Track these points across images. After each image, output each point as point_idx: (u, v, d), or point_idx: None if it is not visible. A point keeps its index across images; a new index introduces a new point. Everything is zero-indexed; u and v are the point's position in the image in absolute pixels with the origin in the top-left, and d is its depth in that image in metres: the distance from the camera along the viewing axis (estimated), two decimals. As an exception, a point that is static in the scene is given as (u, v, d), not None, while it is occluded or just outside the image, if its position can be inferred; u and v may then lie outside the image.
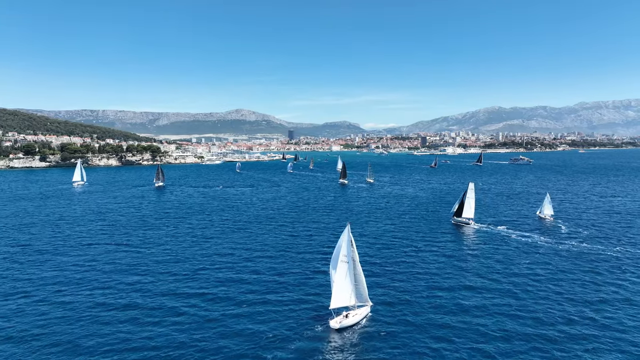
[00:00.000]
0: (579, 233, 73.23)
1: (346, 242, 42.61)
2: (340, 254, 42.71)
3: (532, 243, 66.56)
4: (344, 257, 42.80)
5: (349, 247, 42.54)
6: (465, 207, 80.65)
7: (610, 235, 71.15)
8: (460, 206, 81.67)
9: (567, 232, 73.71)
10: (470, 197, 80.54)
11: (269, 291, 47.50)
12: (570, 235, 71.91)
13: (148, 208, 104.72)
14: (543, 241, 67.57)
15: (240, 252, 63.55)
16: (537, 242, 66.89)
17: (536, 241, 67.67)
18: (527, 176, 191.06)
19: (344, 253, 42.68)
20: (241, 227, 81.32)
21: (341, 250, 42.65)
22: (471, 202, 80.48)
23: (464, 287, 48.07)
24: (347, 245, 42.65)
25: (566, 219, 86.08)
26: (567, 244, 65.76)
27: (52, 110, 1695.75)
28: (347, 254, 42.69)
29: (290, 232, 76.13)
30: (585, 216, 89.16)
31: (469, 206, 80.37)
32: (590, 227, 78.31)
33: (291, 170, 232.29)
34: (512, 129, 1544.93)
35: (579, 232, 74.16)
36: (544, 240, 68.40)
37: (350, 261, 42.84)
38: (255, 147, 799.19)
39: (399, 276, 51.97)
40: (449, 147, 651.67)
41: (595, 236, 70.88)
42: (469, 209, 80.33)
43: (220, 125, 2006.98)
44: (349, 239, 42.44)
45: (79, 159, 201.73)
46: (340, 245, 42.70)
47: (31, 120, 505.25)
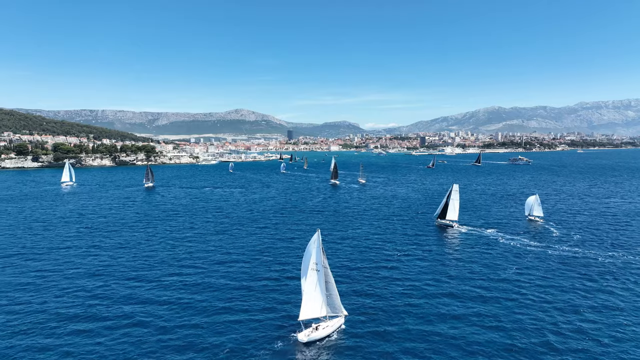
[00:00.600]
0: (571, 236, 70.34)
1: (316, 249, 39.82)
2: (310, 261, 39.94)
3: (520, 247, 63.67)
4: (314, 265, 40.02)
5: (319, 255, 39.73)
6: (449, 208, 78.18)
7: (604, 239, 68.29)
8: (444, 208, 79.09)
9: (558, 236, 70.81)
10: (454, 199, 78.01)
11: (235, 298, 44.72)
12: (561, 238, 69.03)
13: (131, 210, 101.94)
14: (532, 245, 64.69)
15: (215, 255, 60.80)
16: (525, 247, 63.98)
17: (524, 245, 64.77)
18: (523, 176, 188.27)
19: (314, 261, 39.90)
20: (222, 229, 78.54)
21: (311, 258, 39.87)
22: (455, 203, 77.98)
23: (446, 295, 45.29)
24: (317, 253, 39.85)
25: (558, 221, 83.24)
26: (557, 248, 62.90)
27: (52, 110, 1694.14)
28: (318, 261, 39.89)
29: (271, 235, 73.33)
30: (579, 218, 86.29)
31: (453, 208, 77.88)
32: (582, 230, 75.46)
33: (284, 170, 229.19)
34: (512, 129, 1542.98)
35: (571, 235, 71.27)
36: (532, 244, 65.51)
37: (321, 269, 40.05)
38: (253, 147, 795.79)
39: (378, 283, 49.18)
40: (447, 147, 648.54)
41: (588, 240, 68.03)
42: (453, 210, 77.83)
43: (219, 126, 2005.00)
44: (319, 246, 39.65)
45: (66, 160, 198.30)
46: (309, 252, 39.94)
47: (27, 120, 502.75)
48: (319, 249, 39.64)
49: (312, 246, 39.79)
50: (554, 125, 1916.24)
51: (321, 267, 39.99)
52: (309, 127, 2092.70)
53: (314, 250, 39.78)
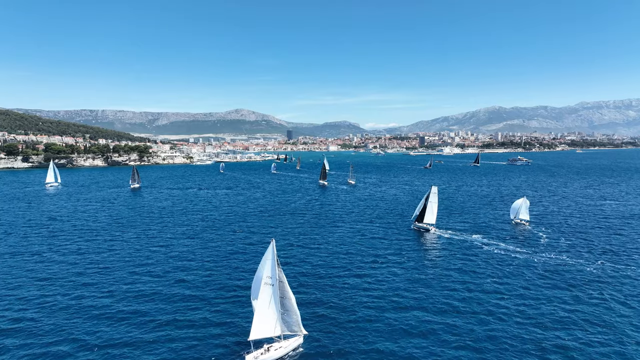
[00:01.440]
0: (559, 242, 66.18)
1: (270, 260, 35.87)
2: (264, 275, 35.98)
3: (503, 254, 59.51)
4: (267, 279, 36.05)
5: (274, 267, 35.77)
6: (427, 211, 74.50)
7: (594, 245, 64.13)
8: (422, 211, 75.36)
9: (547, 242, 66.63)
10: (432, 202, 74.32)
11: (182, 311, 40.86)
12: (549, 244, 64.89)
13: (107, 212, 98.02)
14: (517, 252, 60.53)
15: (176, 262, 56.88)
16: (510, 253, 59.80)
17: (508, 252, 60.61)
18: (519, 177, 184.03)
19: (267, 274, 35.93)
20: (194, 233, 74.57)
21: (264, 271, 35.91)
22: (434, 206, 74.32)
23: (418, 309, 41.37)
24: (271, 265, 35.90)
25: (548, 225, 79.10)
26: (543, 255, 58.77)
27: (52, 110, 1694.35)
28: (272, 275, 35.93)
29: (244, 240, 69.31)
30: (570, 222, 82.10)
31: (431, 211, 74.21)
32: (573, 234, 71.31)
33: (275, 171, 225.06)
34: (513, 129, 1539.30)
35: (559, 241, 67.11)
36: (518, 250, 61.36)
37: (276, 283, 36.10)
38: (252, 147, 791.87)
39: (346, 294, 45.28)
40: (446, 147, 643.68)
41: (577, 246, 63.93)
42: (430, 214, 74.18)
43: (220, 125, 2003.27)
44: (273, 257, 35.70)
45: (51, 160, 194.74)
46: (262, 264, 36.02)
47: (23, 120, 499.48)
48: (274, 261, 35.72)
49: (265, 257, 35.93)
50: (555, 125, 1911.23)
51: (275, 280, 36.06)
52: (309, 127, 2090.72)
53: (268, 262, 35.86)
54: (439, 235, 71.11)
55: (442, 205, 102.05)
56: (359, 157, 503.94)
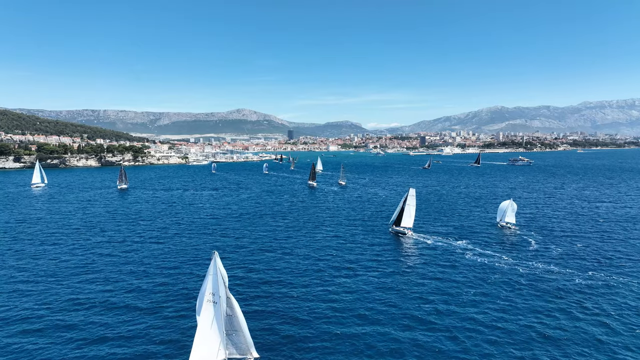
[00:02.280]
0: (549, 249, 61.64)
1: (212, 276, 31.53)
2: (206, 292, 31.71)
3: (485, 262, 54.94)
4: (210, 296, 31.73)
5: (217, 283, 31.44)
6: (404, 215, 70.31)
7: (587, 254, 59.44)
8: (399, 214, 71.37)
9: (535, 248, 62.09)
10: (410, 205, 70.15)
11: (120, 325, 36.61)
12: (537, 251, 60.33)
13: (82, 215, 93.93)
14: (500, 260, 55.96)
15: (136, 268, 52.60)
16: (493, 261, 55.19)
17: (492, 259, 56.00)
18: (516, 178, 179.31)
19: (209, 291, 31.59)
20: (165, 238, 70.29)
21: (206, 287, 31.67)
22: (411, 209, 70.21)
23: (386, 324, 37.16)
24: (213, 280, 31.58)
25: (539, 229, 74.48)
26: (530, 264, 54.24)
27: (54, 110, 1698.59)
28: (214, 291, 31.61)
29: (210, 246, 65.03)
30: (563, 226, 77.51)
31: (409, 214, 70.15)
32: (564, 240, 66.72)
33: (266, 171, 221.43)
34: (515, 129, 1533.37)
35: (549, 247, 62.55)
36: (502, 258, 56.78)
37: (219, 300, 31.81)
38: (252, 147, 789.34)
39: (311, 306, 41.12)
40: (447, 147, 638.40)
41: (568, 253, 59.34)
42: (408, 217, 70.11)
43: (221, 125, 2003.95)
44: (216, 272, 31.36)
45: (37, 161, 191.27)
46: (205, 279, 31.81)
47: (20, 119, 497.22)
48: (216, 276, 31.40)
49: (208, 272, 31.67)
50: (557, 125, 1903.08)
51: (219, 297, 31.74)
52: (311, 127, 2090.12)
53: (210, 277, 31.51)
54: (418, 240, 66.96)
55: (430, 208, 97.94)
56: (357, 157, 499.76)
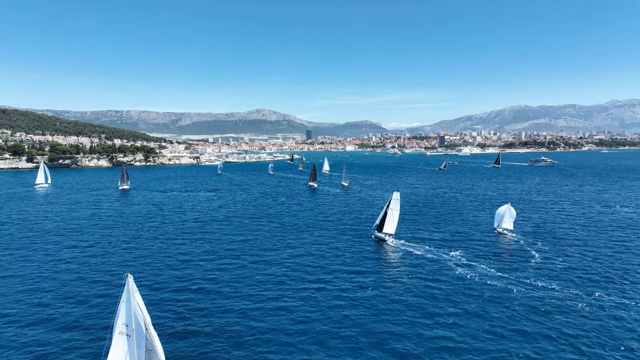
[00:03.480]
0: (553, 263, 54.31)
1: (126, 303, 26.37)
2: (118, 322, 26.66)
3: (475, 278, 48.26)
4: (122, 327, 26.63)
5: (131, 310, 26.34)
6: (387, 220, 65.22)
7: (596, 270, 51.93)
8: (382, 219, 66.16)
9: (537, 262, 54.74)
10: (393, 209, 64.97)
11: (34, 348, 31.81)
12: (538, 266, 53.02)
13: (65, 217, 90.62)
14: (494, 275, 49.19)
15: (92, 276, 48.03)
16: (484, 277, 48.34)
17: (483, 275, 49.17)
18: (533, 179, 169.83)
19: (122, 321, 26.52)
20: (138, 244, 65.92)
21: (118, 317, 26.57)
22: (394, 214, 64.97)
23: (347, 354, 31.47)
24: (127, 308, 26.47)
25: (545, 239, 66.95)
26: (527, 282, 47.16)
27: (79, 111, 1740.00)
28: (128, 321, 26.47)
29: (177, 255, 60.15)
30: (575, 235, 69.71)
31: (392, 219, 64.94)
32: (573, 253, 59.24)
33: (272, 172, 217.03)
34: (539, 128, 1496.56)
35: (553, 261, 55.16)
36: (495, 274, 49.89)
37: (133, 334, 26.57)
38: (269, 147, 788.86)
39: (264, 326, 35.69)
40: (466, 146, 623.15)
41: (573, 268, 52.03)
42: (391, 222, 64.94)
43: (241, 125, 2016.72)
44: (129, 299, 26.22)
45: (42, 162, 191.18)
46: (118, 308, 26.68)
47: (41, 120, 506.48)
48: (130, 302, 26.28)
49: (121, 299, 26.44)
50: (584, 124, 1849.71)
51: (132, 330, 26.61)
52: (330, 126, 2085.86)
53: (123, 305, 26.38)
54: (403, 249, 61.07)
55: (430, 212, 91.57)
56: (372, 157, 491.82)
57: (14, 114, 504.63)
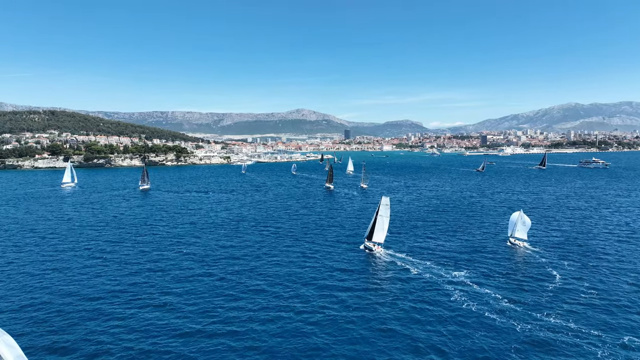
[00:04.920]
0: (576, 292, 44.26)
1: None
2: None
3: (475, 304, 39.86)
4: None
5: None
6: (376, 227, 59.35)
7: (633, 302, 42.27)
8: (372, 226, 60.11)
9: (556, 288, 44.95)
10: (383, 216, 59.03)
11: None
12: (557, 294, 43.36)
13: (74, 216, 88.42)
14: (493, 308, 40.21)
15: (66, 283, 43.58)
16: (481, 310, 39.76)
17: (480, 305, 40.63)
18: (574, 182, 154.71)
19: None
20: (128, 248, 61.53)
21: None
22: (384, 221, 58.97)
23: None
24: None
25: (571, 255, 56.57)
26: (536, 318, 38.13)
27: (127, 112, 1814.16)
28: None
29: (145, 263, 54.92)
30: (610, 251, 58.91)
31: (382, 227, 59.07)
32: (603, 273, 49.35)
33: (294, 172, 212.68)
34: (591, 127, 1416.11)
35: (576, 289, 45.06)
36: (496, 305, 40.89)
37: None
38: (305, 146, 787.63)
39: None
40: (508, 146, 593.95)
41: (603, 299, 42.49)
42: (380, 230, 59.17)
43: (281, 125, 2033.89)
44: None
45: (68, 161, 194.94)
46: None
47: (86, 121, 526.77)
48: None
49: None
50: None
51: None
52: (370, 126, 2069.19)
53: None
54: (392, 261, 54.03)
55: (448, 218, 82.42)
56: (407, 157, 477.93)
57: (61, 115, 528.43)
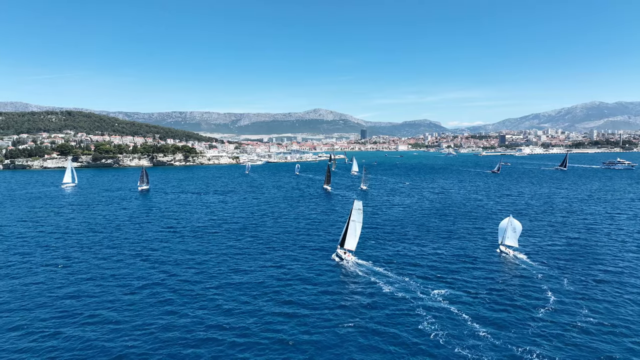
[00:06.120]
0: (572, 316, 37.95)
1: None
2: None
3: (437, 342, 33.85)
4: None
5: None
6: (348, 233, 54.63)
7: (626, 321, 35.82)
8: (345, 232, 55.29)
9: (548, 312, 38.56)
10: (356, 221, 54.41)
11: None
12: (549, 320, 37.13)
13: (52, 221, 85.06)
14: (469, 335, 34.23)
15: None
16: (455, 339, 33.87)
17: (456, 334, 34.60)
18: (591, 184, 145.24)
19: None
20: (95, 257, 57.30)
21: None
22: (357, 227, 54.47)
23: None
24: None
25: (572, 269, 49.88)
26: (521, 351, 32.29)
27: (147, 113, 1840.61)
28: None
29: (100, 271, 50.30)
30: (620, 265, 51.99)
31: (353, 233, 54.59)
32: (608, 293, 42.68)
33: (298, 172, 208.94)
34: (616, 126, 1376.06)
35: (573, 312, 38.79)
36: (474, 331, 34.94)
37: None
38: (320, 146, 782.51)
39: None
40: (527, 147, 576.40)
41: (604, 325, 36.03)
42: (352, 236, 54.67)
43: (298, 125, 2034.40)
44: None
45: (68, 162, 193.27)
46: None
47: (101, 121, 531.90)
48: None
49: None
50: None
51: None
52: (388, 126, 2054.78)
53: None
54: (363, 271, 48.66)
55: (441, 225, 75.96)
56: (422, 157, 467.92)
57: (78, 115, 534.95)
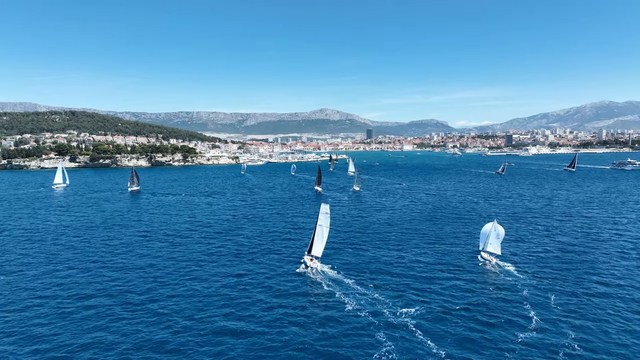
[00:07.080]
0: (560, 332, 33.28)
1: None
2: None
3: (423, 350, 29.12)
4: None
5: None
6: (316, 239, 51.57)
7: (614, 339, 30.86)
8: (312, 237, 52.28)
9: (531, 331, 33.80)
10: (323, 226, 51.63)
11: None
12: (531, 339, 32.35)
13: (26, 224, 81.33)
14: (453, 336, 29.59)
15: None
16: (439, 341, 29.15)
17: (437, 335, 29.85)
18: (595, 186, 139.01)
19: None
20: (69, 262, 53.22)
21: None
22: (324, 232, 51.51)
23: None
24: None
25: (564, 280, 44.86)
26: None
27: (154, 113, 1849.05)
28: None
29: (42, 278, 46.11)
30: (618, 276, 46.91)
31: (320, 238, 51.47)
32: (601, 311, 37.69)
33: (294, 173, 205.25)
34: (626, 126, 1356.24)
35: (562, 329, 34.03)
36: (465, 336, 30.23)
37: None
38: (324, 146, 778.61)
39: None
40: (534, 146, 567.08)
41: (593, 351, 31.11)
42: (320, 242, 51.47)
43: (304, 125, 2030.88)
44: None
45: (60, 162, 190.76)
46: None
47: (105, 121, 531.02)
48: None
49: None
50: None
51: None
52: (394, 126, 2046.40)
53: None
54: (329, 283, 44.06)
55: (428, 229, 70.89)
56: (425, 157, 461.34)
57: (81, 115, 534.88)
